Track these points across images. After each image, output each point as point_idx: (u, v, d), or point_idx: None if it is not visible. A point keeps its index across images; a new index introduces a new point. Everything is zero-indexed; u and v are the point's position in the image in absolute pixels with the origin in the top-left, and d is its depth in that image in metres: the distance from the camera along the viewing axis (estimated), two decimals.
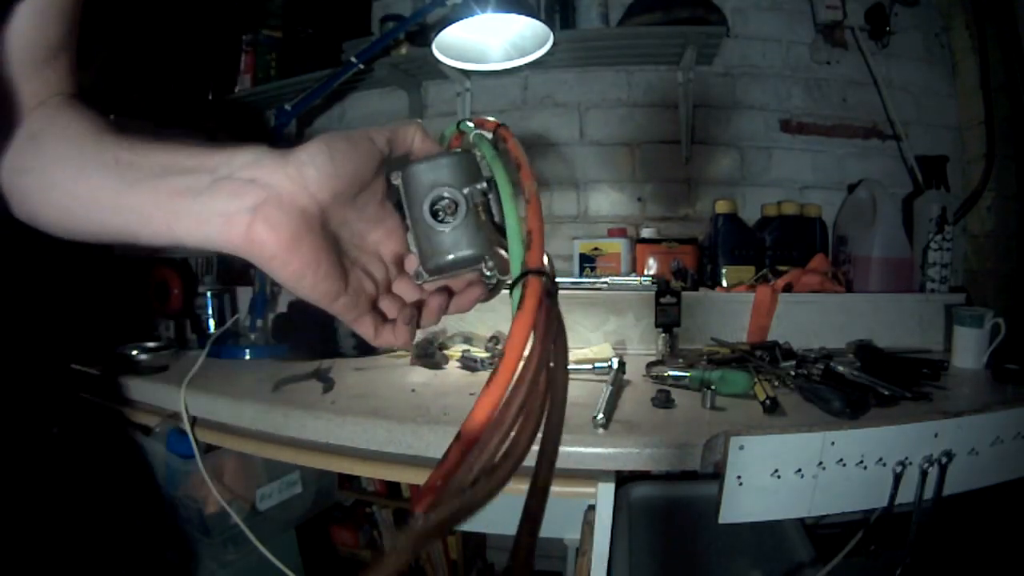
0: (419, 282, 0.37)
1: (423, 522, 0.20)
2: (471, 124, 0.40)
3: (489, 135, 0.38)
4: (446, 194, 0.36)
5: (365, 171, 0.34)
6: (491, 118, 0.40)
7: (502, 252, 0.36)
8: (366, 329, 0.36)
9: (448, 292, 0.38)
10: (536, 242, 0.31)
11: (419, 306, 0.38)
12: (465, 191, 0.36)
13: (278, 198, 0.30)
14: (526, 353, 0.27)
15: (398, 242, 0.37)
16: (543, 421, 0.28)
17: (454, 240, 0.36)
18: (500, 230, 0.36)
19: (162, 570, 0.93)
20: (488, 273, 0.37)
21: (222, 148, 0.33)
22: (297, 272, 0.31)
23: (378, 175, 0.35)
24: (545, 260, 0.31)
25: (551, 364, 0.27)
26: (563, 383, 0.29)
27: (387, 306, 0.37)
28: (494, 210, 0.37)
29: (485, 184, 0.36)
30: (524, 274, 0.30)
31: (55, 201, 0.36)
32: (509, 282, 0.31)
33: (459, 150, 0.38)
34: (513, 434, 0.26)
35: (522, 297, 0.29)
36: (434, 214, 0.36)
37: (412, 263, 0.37)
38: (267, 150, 0.32)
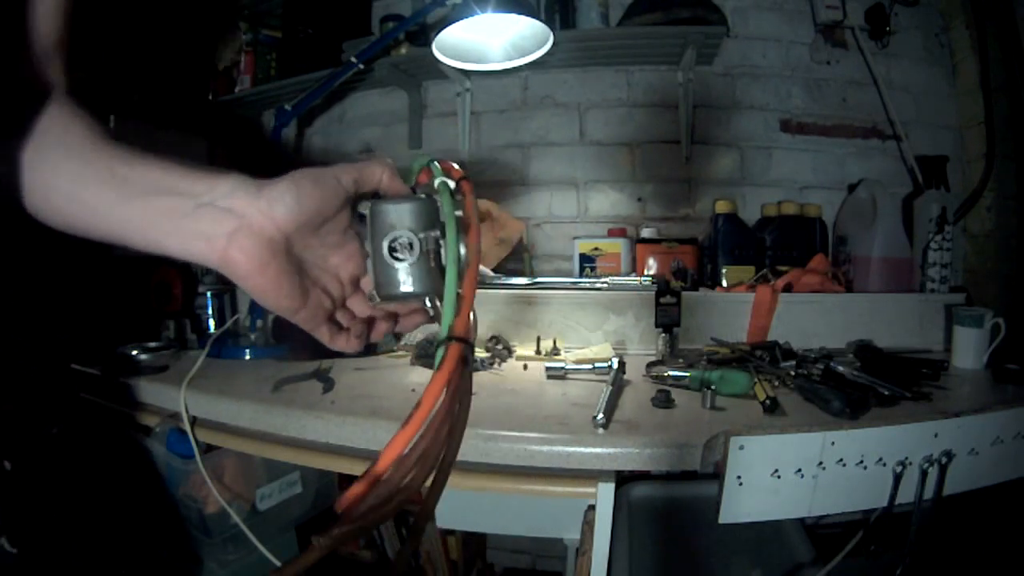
0: (371, 303, 0.43)
1: (320, 542, 0.28)
2: (439, 166, 0.45)
3: (452, 183, 0.43)
4: (404, 237, 0.41)
5: (328, 208, 0.39)
6: (457, 166, 0.45)
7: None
8: (322, 336, 0.42)
9: (395, 313, 0.45)
10: (464, 311, 0.37)
11: (370, 321, 0.44)
12: (421, 235, 0.41)
13: (249, 227, 0.36)
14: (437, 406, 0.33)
15: (356, 265, 0.43)
16: (438, 465, 0.34)
17: (405, 277, 0.42)
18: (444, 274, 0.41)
19: (161, 570, 0.93)
20: (429, 306, 0.43)
21: (206, 173, 0.38)
22: (263, 289, 0.37)
23: (342, 209, 0.40)
24: (471, 318, 0.38)
25: (455, 418, 0.34)
26: (460, 434, 0.36)
27: (342, 317, 0.43)
28: (443, 256, 0.41)
29: (439, 232, 0.42)
30: (448, 339, 0.36)
31: (55, 203, 0.39)
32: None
33: (422, 196, 0.43)
34: (412, 474, 0.33)
35: (443, 359, 0.34)
36: (392, 250, 0.41)
37: (367, 284, 0.43)
38: (243, 181, 0.37)
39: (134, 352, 0.94)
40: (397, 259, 0.42)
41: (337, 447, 0.70)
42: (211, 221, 0.36)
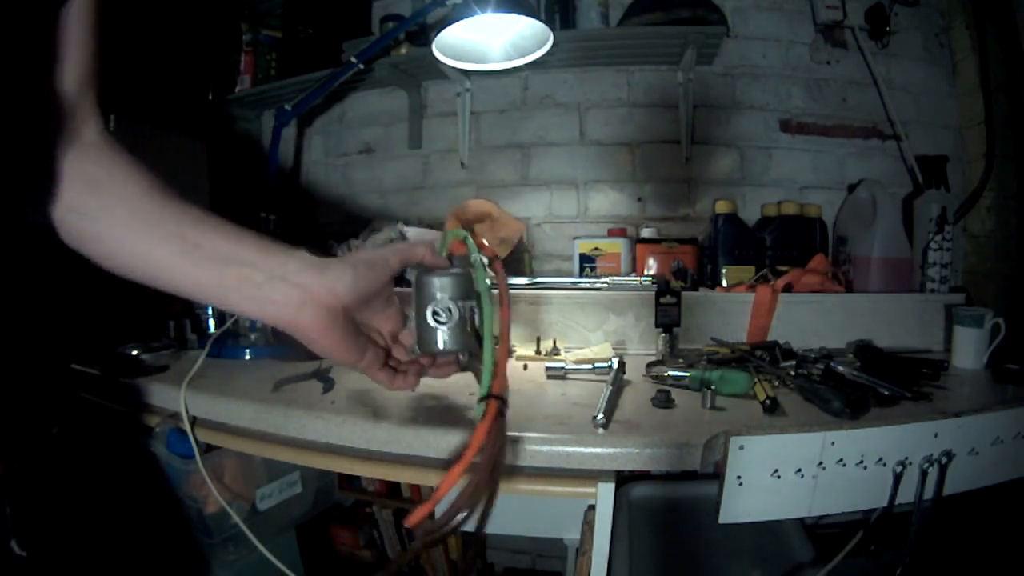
0: (413, 355, 0.54)
1: (414, 546, 0.43)
2: (473, 243, 0.55)
3: (486, 260, 0.54)
4: (445, 304, 0.51)
5: (378, 286, 0.49)
6: (488, 244, 0.56)
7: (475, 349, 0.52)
8: (381, 380, 0.53)
9: (433, 358, 0.55)
10: (500, 373, 0.47)
11: (415, 363, 0.55)
12: (460, 304, 0.51)
13: (315, 300, 0.45)
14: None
15: (395, 323, 0.53)
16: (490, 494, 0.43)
17: (445, 337, 0.52)
18: (477, 336, 0.53)
19: (161, 570, 0.93)
20: (462, 360, 0.54)
21: (274, 248, 0.46)
22: (327, 348, 0.47)
23: (388, 285, 0.51)
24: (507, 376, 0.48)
25: (496, 457, 0.43)
26: (501, 469, 0.44)
27: (393, 363, 0.54)
28: (476, 320, 0.52)
29: (473, 302, 0.52)
30: (488, 396, 0.46)
31: (116, 254, 0.45)
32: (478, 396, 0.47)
33: (460, 271, 0.53)
34: (467, 499, 0.41)
35: (485, 412, 0.44)
36: (434, 314, 0.51)
37: (406, 338, 0.54)
38: (309, 259, 0.46)
39: (134, 352, 0.94)
40: (439, 322, 0.52)
41: (337, 447, 0.70)
42: (283, 293, 0.44)
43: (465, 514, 0.41)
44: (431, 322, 0.52)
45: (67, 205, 0.44)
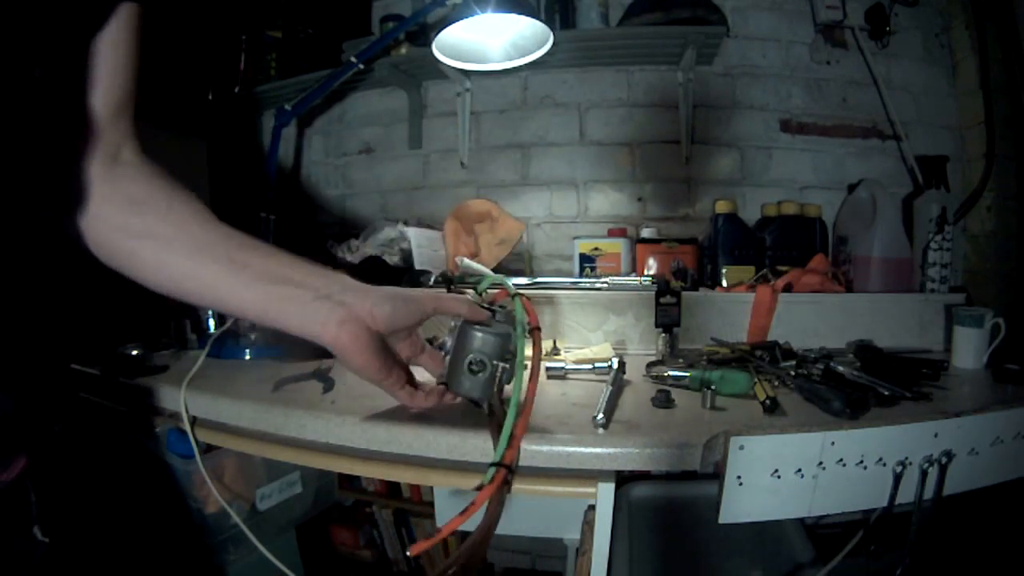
0: (438, 386, 0.63)
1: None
2: (523, 306, 0.62)
3: (527, 320, 0.61)
4: (482, 359, 0.58)
5: (411, 322, 0.56)
6: (532, 313, 0.63)
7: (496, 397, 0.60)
8: (403, 398, 0.62)
9: (453, 396, 0.64)
10: (515, 445, 0.53)
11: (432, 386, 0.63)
12: (495, 362, 0.58)
13: (357, 320, 0.49)
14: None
15: (414, 351, 0.61)
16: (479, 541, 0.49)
17: (474, 385, 0.60)
18: (500, 389, 0.60)
19: (161, 570, 0.93)
20: (485, 408, 0.61)
21: (319, 269, 0.50)
22: (361, 365, 0.52)
23: (418, 323, 0.57)
24: (518, 450, 0.55)
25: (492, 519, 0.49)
26: (494, 526, 0.49)
27: (413, 383, 0.62)
28: (504, 378, 0.59)
29: (507, 363, 0.58)
30: (498, 464, 0.51)
31: (163, 274, 0.48)
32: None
33: (501, 331, 0.59)
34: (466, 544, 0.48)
35: (492, 478, 0.49)
36: (470, 364, 0.59)
37: (427, 363, 0.63)
38: (352, 282, 0.51)
39: (134, 352, 0.94)
40: (472, 372, 0.59)
41: (337, 447, 0.70)
42: (328, 311, 0.48)
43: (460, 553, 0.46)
44: (466, 369, 0.59)
45: (111, 223, 0.46)
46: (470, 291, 0.73)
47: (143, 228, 0.46)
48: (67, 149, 0.43)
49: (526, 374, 0.58)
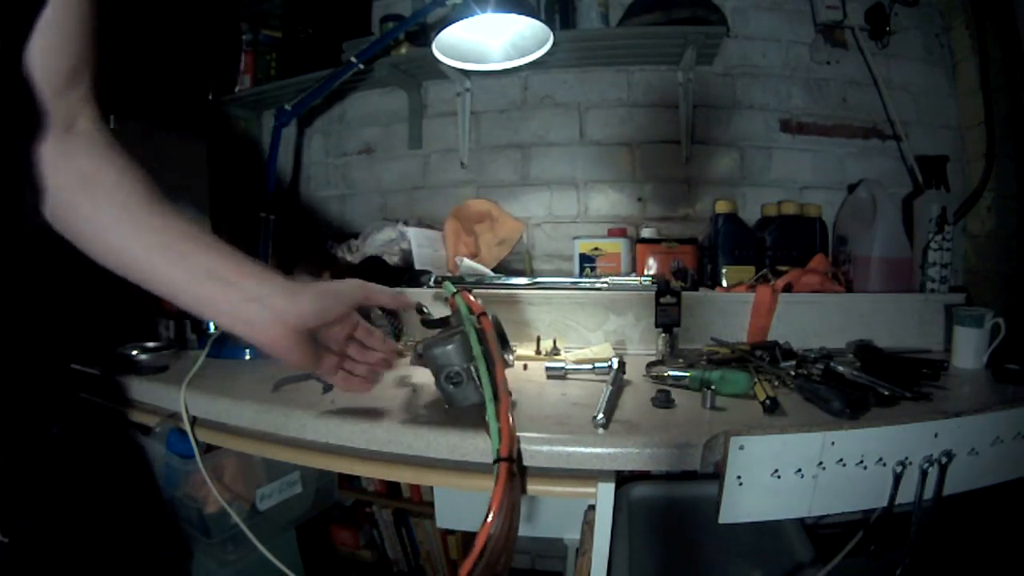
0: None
1: None
2: (464, 301, 0.66)
3: (476, 320, 0.64)
4: (455, 370, 0.62)
5: (340, 313, 0.58)
6: (474, 303, 0.67)
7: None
8: (338, 383, 0.63)
9: (386, 359, 0.67)
10: (505, 437, 0.54)
11: (374, 363, 0.66)
12: (465, 367, 0.62)
13: (284, 322, 0.51)
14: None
15: (350, 328, 0.62)
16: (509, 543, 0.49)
17: (464, 394, 0.63)
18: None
19: (161, 570, 0.93)
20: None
21: (253, 269, 0.51)
22: (289, 359, 0.54)
23: (348, 312, 0.59)
24: (511, 438, 0.55)
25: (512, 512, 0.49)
26: (518, 519, 0.51)
27: (349, 366, 0.64)
28: (480, 372, 0.61)
29: (474, 360, 0.61)
30: (497, 460, 0.52)
31: (105, 254, 0.49)
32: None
33: (456, 335, 0.62)
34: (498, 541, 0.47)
35: (498, 476, 0.50)
36: (447, 378, 0.62)
37: (362, 333, 0.64)
38: (283, 285, 0.52)
39: (134, 352, 0.94)
40: (454, 384, 0.62)
41: (337, 447, 0.70)
42: (256, 312, 0.50)
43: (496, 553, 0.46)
44: (449, 386, 0.62)
45: (62, 200, 0.46)
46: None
47: (93, 210, 0.47)
48: (9, 128, 0.42)
49: (498, 363, 0.62)
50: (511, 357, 0.79)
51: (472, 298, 0.67)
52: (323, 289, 0.55)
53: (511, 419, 0.56)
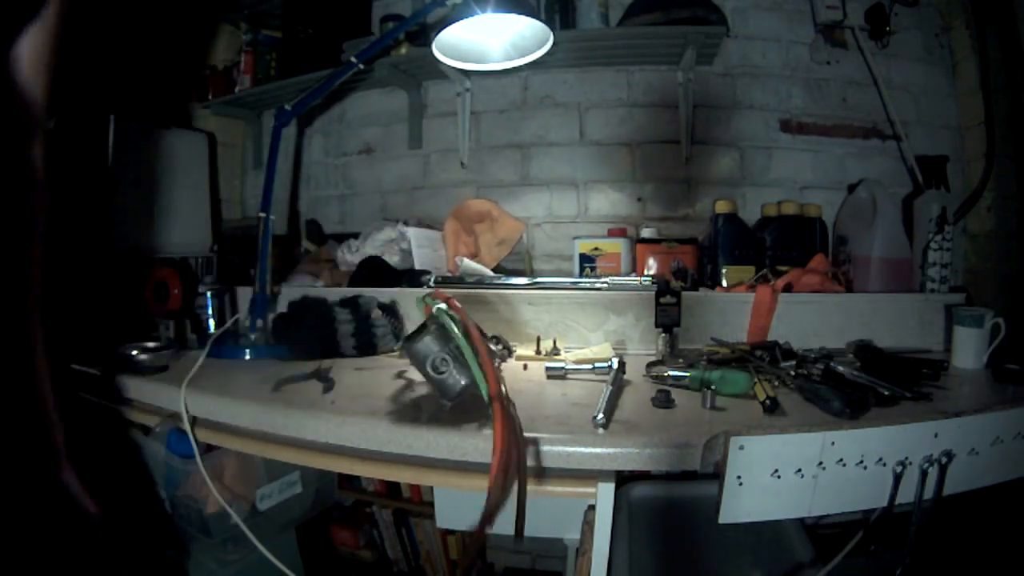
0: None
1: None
2: (436, 300, 0.69)
3: (445, 305, 0.68)
4: (436, 358, 0.65)
5: None
6: (438, 292, 0.72)
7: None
8: None
9: None
10: (490, 377, 0.59)
11: None
12: (445, 352, 0.65)
13: None
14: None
15: None
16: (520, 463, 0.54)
17: (454, 380, 0.66)
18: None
19: (162, 569, 0.93)
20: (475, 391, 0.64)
21: None
22: None
23: None
24: (496, 380, 0.60)
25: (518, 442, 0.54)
26: (525, 449, 0.56)
27: None
28: (459, 342, 0.64)
29: (454, 342, 0.64)
30: (491, 400, 0.57)
31: None
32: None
33: (431, 328, 0.66)
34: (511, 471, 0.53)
35: (494, 413, 0.55)
36: (433, 368, 0.65)
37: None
38: None
39: (134, 352, 0.94)
40: (440, 372, 0.65)
41: (337, 447, 0.70)
42: None
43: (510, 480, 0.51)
44: (436, 375, 0.65)
45: None
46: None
47: None
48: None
49: (472, 346, 0.64)
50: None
51: (440, 291, 0.72)
52: None
53: (495, 364, 0.62)
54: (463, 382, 0.65)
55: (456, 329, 0.64)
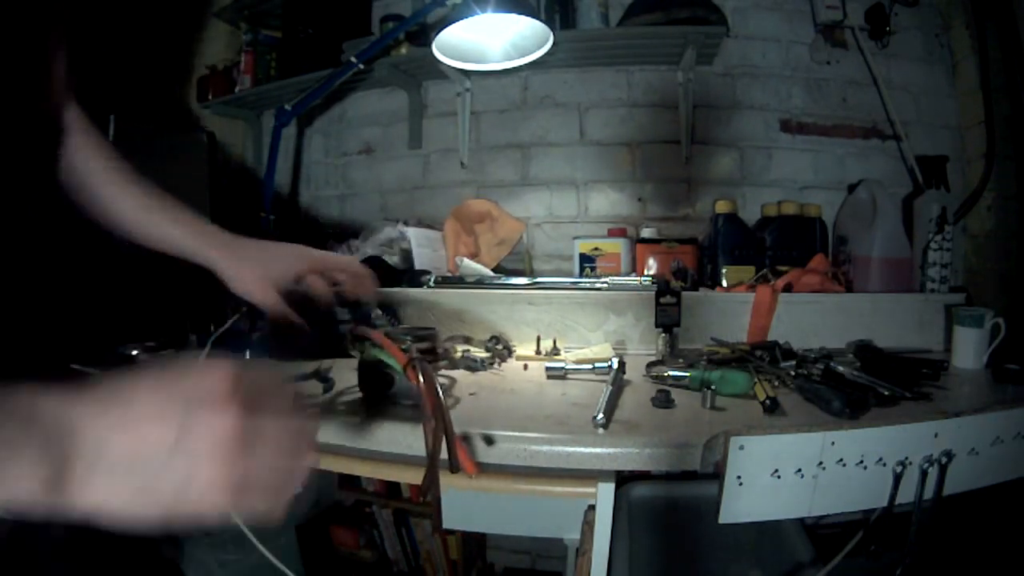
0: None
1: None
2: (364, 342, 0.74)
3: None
4: (402, 389, 0.73)
5: (301, 272, 0.80)
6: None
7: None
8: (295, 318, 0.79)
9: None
10: (395, 353, 0.65)
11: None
12: (389, 373, 0.71)
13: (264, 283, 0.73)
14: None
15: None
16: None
17: (405, 384, 0.66)
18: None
19: (160, 569, 0.93)
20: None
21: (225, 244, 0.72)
22: (264, 304, 0.75)
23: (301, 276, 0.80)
24: (396, 350, 0.67)
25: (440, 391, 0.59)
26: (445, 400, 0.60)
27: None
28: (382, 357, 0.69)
29: (384, 366, 0.70)
30: (404, 367, 0.63)
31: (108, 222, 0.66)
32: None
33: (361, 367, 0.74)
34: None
35: (409, 375, 0.62)
36: (405, 396, 0.73)
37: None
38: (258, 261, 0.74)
39: (134, 352, 0.94)
40: (391, 385, 0.73)
41: (337, 447, 0.70)
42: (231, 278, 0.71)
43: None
44: (396, 388, 0.72)
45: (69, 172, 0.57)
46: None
47: (101, 193, 0.65)
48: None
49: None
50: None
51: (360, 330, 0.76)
52: (290, 256, 0.76)
53: (401, 347, 0.66)
54: (412, 384, 0.66)
55: (375, 353, 0.69)
